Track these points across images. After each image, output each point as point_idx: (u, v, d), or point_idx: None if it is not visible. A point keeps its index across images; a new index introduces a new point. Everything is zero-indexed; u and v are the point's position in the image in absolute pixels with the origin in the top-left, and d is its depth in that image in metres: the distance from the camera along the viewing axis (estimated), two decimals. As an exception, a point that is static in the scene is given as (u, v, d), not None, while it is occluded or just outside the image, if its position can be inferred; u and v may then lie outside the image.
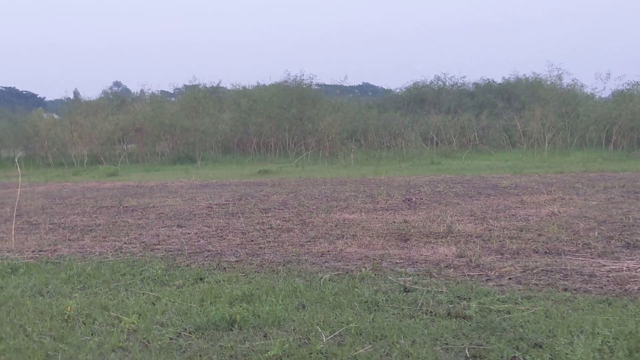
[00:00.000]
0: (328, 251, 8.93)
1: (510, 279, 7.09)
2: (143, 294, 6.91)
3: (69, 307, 6.29)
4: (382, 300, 6.29)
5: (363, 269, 7.59)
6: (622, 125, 30.73)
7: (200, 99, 38.65)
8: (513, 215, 11.72)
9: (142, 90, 46.06)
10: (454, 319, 5.73)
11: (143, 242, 10.23)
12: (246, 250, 9.27)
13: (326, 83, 46.23)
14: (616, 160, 25.13)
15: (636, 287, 6.51)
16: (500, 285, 6.84)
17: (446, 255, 8.35)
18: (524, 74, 43.51)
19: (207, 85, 44.50)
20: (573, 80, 38.15)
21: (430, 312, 5.94)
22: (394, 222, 11.21)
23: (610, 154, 27.81)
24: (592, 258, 8.03)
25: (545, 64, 41.34)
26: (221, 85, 45.20)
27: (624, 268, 7.36)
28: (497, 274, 7.31)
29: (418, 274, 7.36)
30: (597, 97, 37.48)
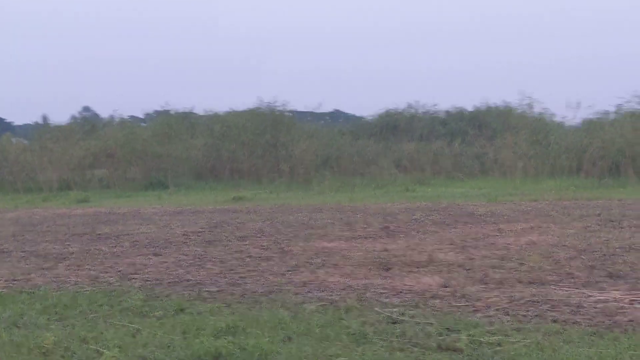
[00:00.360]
0: (310, 281, 8.79)
1: (497, 310, 7.02)
2: (123, 325, 6.73)
3: (47, 340, 6.08)
4: (370, 332, 6.17)
5: (348, 300, 7.46)
6: (592, 154, 30.99)
7: (172, 125, 38.34)
8: (492, 243, 11.68)
9: (112, 116, 45.64)
10: (445, 352, 5.64)
11: (119, 271, 10.01)
12: (226, 279, 9.11)
13: (298, 109, 46.19)
14: (588, 188, 25.30)
15: (625, 319, 6.46)
16: (488, 316, 6.76)
17: (430, 285, 8.26)
18: (495, 102, 43.71)
19: (179, 111, 44.19)
20: (544, 108, 38.30)
21: (420, 344, 5.83)
22: (374, 251, 11.10)
23: (582, 182, 28.01)
24: (576, 288, 7.99)
25: (516, 92, 42.01)
26: (193, 110, 44.87)
27: (611, 299, 7.32)
28: (483, 304, 7.23)
29: (404, 305, 7.25)
30: (567, 125, 37.81)
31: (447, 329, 6.25)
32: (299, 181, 31.72)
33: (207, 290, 8.37)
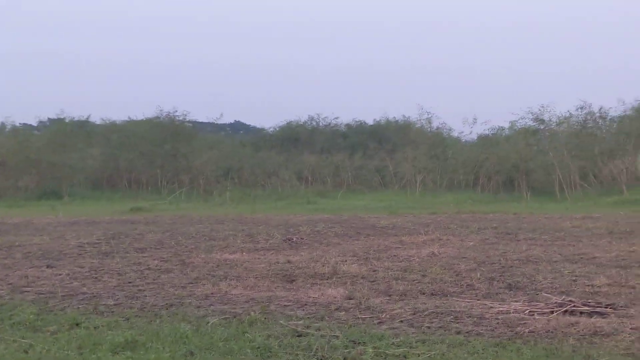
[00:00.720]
0: (212, 293, 8.58)
1: (402, 321, 7.00)
2: (14, 341, 6.36)
3: None
4: (275, 346, 6.04)
5: (252, 312, 7.30)
6: (488, 169, 31.87)
7: (67, 133, 37.38)
8: (395, 255, 11.75)
9: (3, 123, 43.96)
10: (351, 365, 5.56)
11: (10, 283, 9.52)
12: (124, 292, 8.79)
13: (199, 120, 45.71)
14: (485, 202, 25.98)
15: (526, 330, 6.54)
16: (393, 328, 6.73)
17: (335, 297, 8.18)
18: (394, 117, 44.43)
19: (75, 120, 43.03)
20: (442, 123, 39.17)
21: (326, 358, 5.74)
22: (277, 263, 10.98)
23: (478, 195, 28.77)
24: (477, 300, 8.08)
25: (415, 107, 42.49)
26: (90, 119, 43.75)
27: (511, 310, 7.42)
28: (388, 316, 7.21)
29: (309, 317, 7.15)
30: (464, 140, 38.78)
31: (353, 341, 6.18)
32: (200, 192, 31.35)
33: (104, 304, 8.04)
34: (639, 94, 40.47)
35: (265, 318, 7.10)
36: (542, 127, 34.34)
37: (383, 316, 7.22)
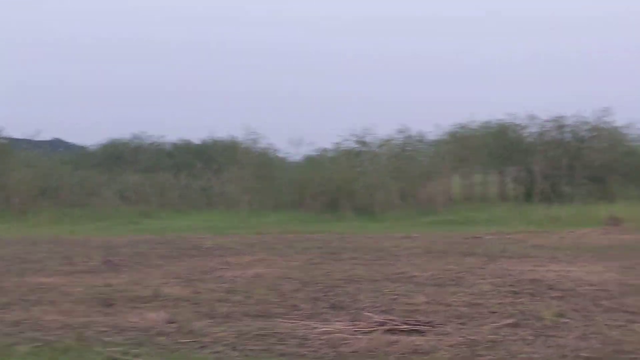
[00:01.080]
0: (23, 319, 8.08)
1: (225, 345, 6.87)
2: None
3: None
4: (90, 374, 5.72)
5: (66, 340, 6.90)
6: (313, 189, 32.29)
7: None
8: (219, 277, 11.59)
9: None
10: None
11: None
12: None
13: (14, 137, 43.41)
14: (309, 222, 26.26)
15: (349, 350, 6.60)
16: (216, 352, 6.59)
17: (156, 322, 7.91)
18: (221, 136, 44.19)
19: None
20: (268, 144, 39.32)
21: (145, 385, 5.50)
22: (96, 286, 10.51)
23: (303, 215, 29.04)
24: (301, 320, 8.08)
25: (242, 127, 42.64)
26: None
27: (334, 330, 7.46)
28: (211, 340, 7.05)
29: (128, 343, 6.86)
30: (290, 161, 39.14)
31: (174, 367, 5.98)
32: (14, 212, 29.67)
33: None
34: (453, 120, 42.59)
35: (80, 345, 6.74)
36: (364, 149, 35.33)
37: (206, 340, 7.05)
